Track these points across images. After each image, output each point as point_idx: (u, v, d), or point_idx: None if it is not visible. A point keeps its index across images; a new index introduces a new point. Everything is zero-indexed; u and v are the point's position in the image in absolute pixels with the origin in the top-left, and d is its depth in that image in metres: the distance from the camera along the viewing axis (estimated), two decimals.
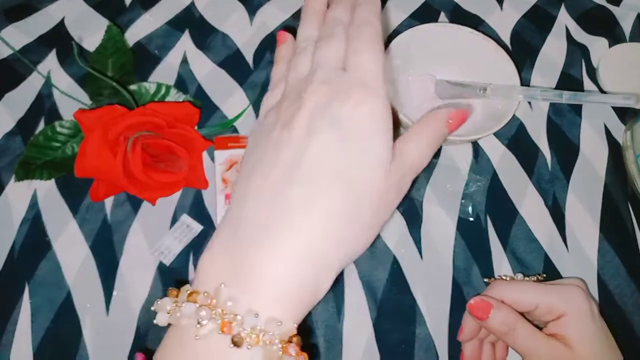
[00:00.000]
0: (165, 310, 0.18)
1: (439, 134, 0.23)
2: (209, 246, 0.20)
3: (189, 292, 0.18)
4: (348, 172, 0.19)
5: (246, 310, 0.17)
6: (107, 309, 0.33)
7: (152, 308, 0.19)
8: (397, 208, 0.36)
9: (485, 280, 0.34)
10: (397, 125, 0.36)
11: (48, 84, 0.40)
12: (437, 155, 0.38)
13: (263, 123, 0.23)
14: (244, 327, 0.17)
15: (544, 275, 0.34)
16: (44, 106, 0.40)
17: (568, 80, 0.42)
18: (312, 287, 0.19)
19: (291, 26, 0.44)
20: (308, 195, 0.19)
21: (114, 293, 0.33)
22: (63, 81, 0.41)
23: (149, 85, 0.39)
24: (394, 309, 0.33)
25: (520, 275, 0.33)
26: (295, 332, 0.18)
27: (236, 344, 0.17)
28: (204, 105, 0.40)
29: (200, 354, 0.17)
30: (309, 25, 0.26)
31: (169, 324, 0.19)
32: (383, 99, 0.21)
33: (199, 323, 0.17)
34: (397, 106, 0.34)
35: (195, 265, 0.34)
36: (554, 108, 0.41)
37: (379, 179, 0.20)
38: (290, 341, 0.18)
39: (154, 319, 0.18)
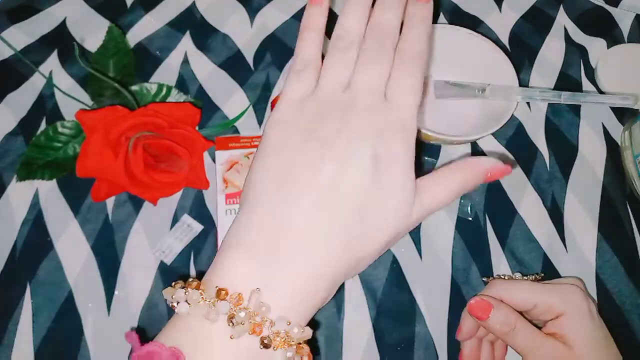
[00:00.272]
0: (185, 300, 0.19)
1: (471, 184, 0.23)
2: (235, 244, 0.20)
3: (217, 288, 0.19)
4: (375, 207, 0.21)
5: (278, 316, 0.19)
6: (109, 308, 0.33)
7: (172, 296, 0.19)
8: None
9: (484, 279, 0.34)
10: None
11: (49, 85, 0.40)
12: (436, 155, 0.39)
13: (297, 119, 0.22)
14: (272, 330, 0.19)
15: (542, 274, 0.34)
16: (45, 106, 0.40)
17: (566, 81, 0.42)
18: (325, 299, 0.21)
19: (292, 27, 0.45)
20: (339, 223, 0.20)
21: (115, 292, 0.33)
22: (64, 82, 0.41)
23: (150, 86, 0.39)
24: (394, 308, 0.33)
25: (518, 275, 0.34)
26: (310, 336, 0.20)
27: (266, 345, 0.18)
28: (205, 106, 0.40)
29: (227, 351, 0.18)
30: (355, 14, 0.24)
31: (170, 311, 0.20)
32: (414, 135, 0.22)
33: (231, 322, 0.18)
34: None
35: (195, 265, 0.34)
36: (553, 108, 0.41)
37: (399, 220, 0.21)
38: (299, 343, 0.19)
39: (172, 305, 0.19)
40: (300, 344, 0.19)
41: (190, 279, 0.20)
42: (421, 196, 0.22)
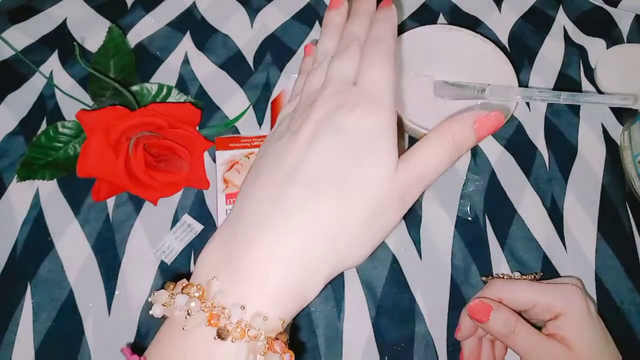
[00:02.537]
0: (160, 302, 0.18)
1: (460, 141, 0.21)
2: (209, 241, 0.20)
3: (184, 285, 0.18)
4: (348, 176, 0.19)
5: (233, 303, 0.17)
6: (109, 308, 0.33)
7: (149, 299, 0.19)
8: None
9: (483, 278, 0.34)
10: (401, 131, 0.37)
11: (50, 85, 0.40)
12: None
13: (275, 131, 0.24)
14: (230, 321, 0.17)
15: (541, 273, 0.34)
16: (46, 107, 0.40)
17: (566, 81, 0.42)
18: (300, 289, 0.18)
19: (292, 28, 0.45)
20: (305, 196, 0.19)
21: (116, 292, 0.33)
22: (65, 82, 0.41)
23: (151, 86, 0.39)
24: (393, 308, 0.33)
25: (517, 274, 0.34)
26: (281, 329, 0.18)
27: (221, 336, 0.17)
28: (205, 106, 0.40)
29: (187, 346, 0.17)
30: (328, 39, 0.26)
31: (165, 317, 0.19)
32: (390, 112, 0.21)
33: (188, 314, 0.17)
34: (401, 112, 0.34)
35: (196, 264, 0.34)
36: (552, 108, 0.41)
37: (379, 187, 0.20)
38: (276, 338, 0.18)
39: (151, 311, 0.19)
40: (277, 338, 0.17)
41: (168, 282, 0.19)
42: (408, 159, 0.20)
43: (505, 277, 0.33)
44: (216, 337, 0.17)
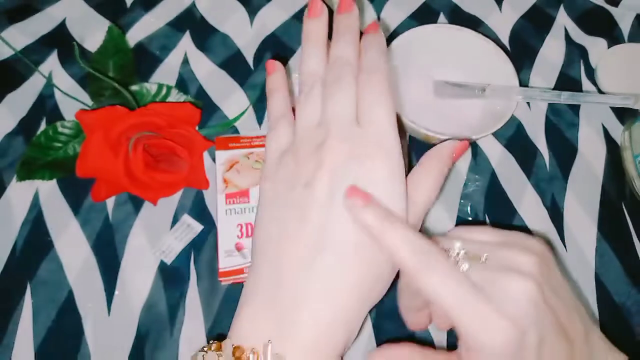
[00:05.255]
0: None
1: (445, 169, 0.24)
2: (245, 304, 0.22)
3: (233, 346, 0.20)
4: (368, 241, 0.21)
5: None
6: (109, 308, 0.33)
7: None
8: None
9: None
10: (402, 131, 0.36)
11: (49, 85, 0.40)
12: None
13: (279, 172, 0.23)
14: None
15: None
16: (45, 106, 0.40)
17: (567, 81, 0.42)
18: (345, 340, 0.21)
19: (292, 27, 0.45)
20: (336, 265, 0.20)
21: (115, 293, 0.33)
22: (64, 82, 0.41)
23: (150, 86, 0.39)
24: (394, 309, 0.33)
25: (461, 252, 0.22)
26: None
27: None
28: (205, 106, 0.40)
29: None
30: (313, 57, 0.25)
31: None
32: (398, 159, 0.22)
33: None
34: (400, 112, 0.34)
35: (196, 265, 0.34)
36: (553, 108, 0.41)
37: None
38: None
39: None
40: None
41: (211, 342, 0.21)
42: (410, 202, 0.22)
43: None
44: None
